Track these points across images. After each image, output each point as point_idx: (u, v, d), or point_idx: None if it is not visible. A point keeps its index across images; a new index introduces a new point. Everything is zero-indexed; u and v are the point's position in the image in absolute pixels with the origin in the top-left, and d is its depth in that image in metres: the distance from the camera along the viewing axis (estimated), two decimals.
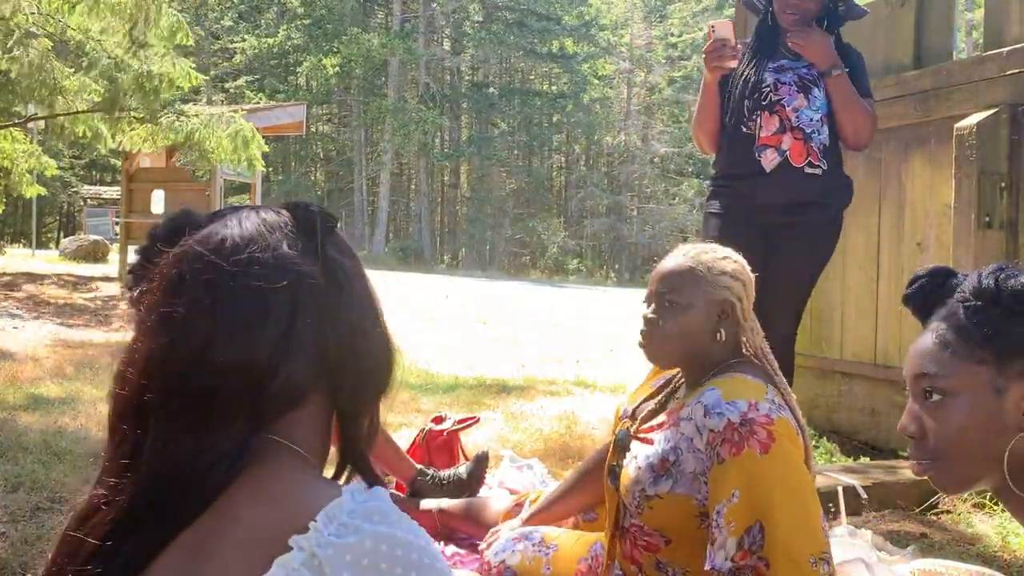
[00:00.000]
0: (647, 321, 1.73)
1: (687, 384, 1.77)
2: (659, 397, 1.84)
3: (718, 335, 1.68)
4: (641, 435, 1.74)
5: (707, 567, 1.51)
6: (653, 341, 1.72)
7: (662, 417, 1.72)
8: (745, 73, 2.91)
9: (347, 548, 0.74)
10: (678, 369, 1.84)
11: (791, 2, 2.87)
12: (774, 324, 1.80)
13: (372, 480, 0.87)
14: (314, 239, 0.90)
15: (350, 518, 0.77)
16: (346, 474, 0.93)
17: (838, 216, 3.01)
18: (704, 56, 2.86)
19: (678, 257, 1.74)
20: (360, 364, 0.90)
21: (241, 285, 0.84)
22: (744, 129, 2.89)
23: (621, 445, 1.79)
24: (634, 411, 1.85)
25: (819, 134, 2.84)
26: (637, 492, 1.66)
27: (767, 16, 2.99)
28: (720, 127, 2.99)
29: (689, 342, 1.70)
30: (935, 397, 1.06)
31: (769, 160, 2.84)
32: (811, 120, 2.83)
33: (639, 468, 1.67)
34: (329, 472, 0.92)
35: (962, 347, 1.05)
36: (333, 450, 0.94)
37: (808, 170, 2.84)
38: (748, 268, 1.74)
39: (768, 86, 2.87)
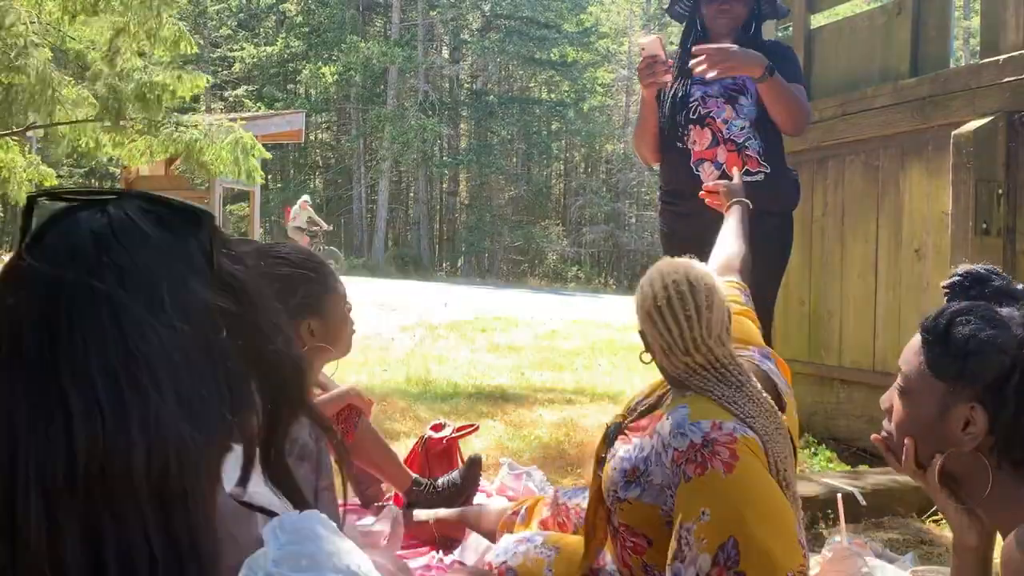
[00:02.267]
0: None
1: (672, 392, 1.78)
2: (653, 396, 1.85)
3: (644, 358, 1.75)
4: (627, 431, 1.76)
5: None
6: None
7: (646, 420, 1.75)
8: (674, 88, 2.95)
9: None
10: None
11: (722, 7, 2.91)
12: None
13: (297, 502, 0.79)
14: (209, 257, 0.73)
15: (276, 567, 0.69)
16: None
17: (785, 220, 3.02)
18: (638, 74, 2.90)
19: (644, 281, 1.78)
20: (264, 382, 0.77)
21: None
22: (679, 144, 2.93)
23: (610, 438, 1.80)
24: (635, 406, 1.86)
25: (752, 140, 2.87)
26: (611, 492, 1.69)
27: (695, 27, 3.03)
28: (660, 140, 3.02)
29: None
30: (900, 387, 1.22)
31: (708, 175, 2.88)
32: (741, 129, 2.87)
33: (614, 469, 1.70)
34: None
35: (929, 360, 1.18)
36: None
37: (746, 178, 2.84)
38: (668, 298, 1.65)
39: (695, 100, 2.91)
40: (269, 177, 32.29)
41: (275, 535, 0.71)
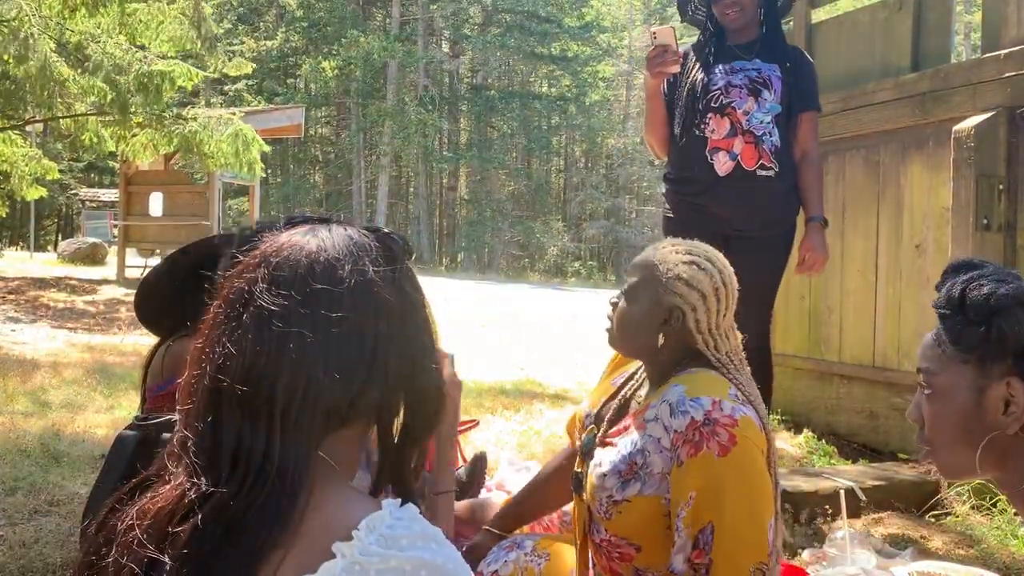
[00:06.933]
0: (611, 303, 1.75)
1: (650, 382, 1.74)
2: (620, 397, 1.81)
3: (659, 338, 1.65)
4: (608, 440, 1.70)
5: (668, 570, 1.51)
6: (610, 324, 1.75)
7: (627, 420, 1.69)
8: (693, 76, 2.95)
9: (391, 557, 0.77)
10: (637, 366, 1.83)
11: (727, 2, 2.93)
12: (744, 325, 1.79)
13: (407, 498, 0.89)
14: (395, 268, 0.92)
15: (390, 530, 0.79)
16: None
17: (793, 227, 3.05)
18: (646, 62, 2.89)
19: (655, 249, 1.72)
20: (412, 398, 0.94)
21: (326, 307, 0.86)
22: (696, 132, 2.93)
23: (587, 452, 1.76)
24: (598, 414, 1.83)
25: (770, 136, 2.88)
26: (604, 499, 1.63)
27: (708, 24, 3.04)
28: (669, 131, 3.03)
29: (631, 334, 1.69)
30: (927, 390, 1.16)
31: (722, 164, 2.88)
32: (761, 123, 2.87)
33: (604, 475, 1.64)
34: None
35: (949, 347, 1.13)
36: None
37: (761, 172, 2.88)
38: (719, 278, 1.65)
39: (719, 88, 2.91)
40: (269, 172, 32.26)
41: (390, 509, 0.82)
